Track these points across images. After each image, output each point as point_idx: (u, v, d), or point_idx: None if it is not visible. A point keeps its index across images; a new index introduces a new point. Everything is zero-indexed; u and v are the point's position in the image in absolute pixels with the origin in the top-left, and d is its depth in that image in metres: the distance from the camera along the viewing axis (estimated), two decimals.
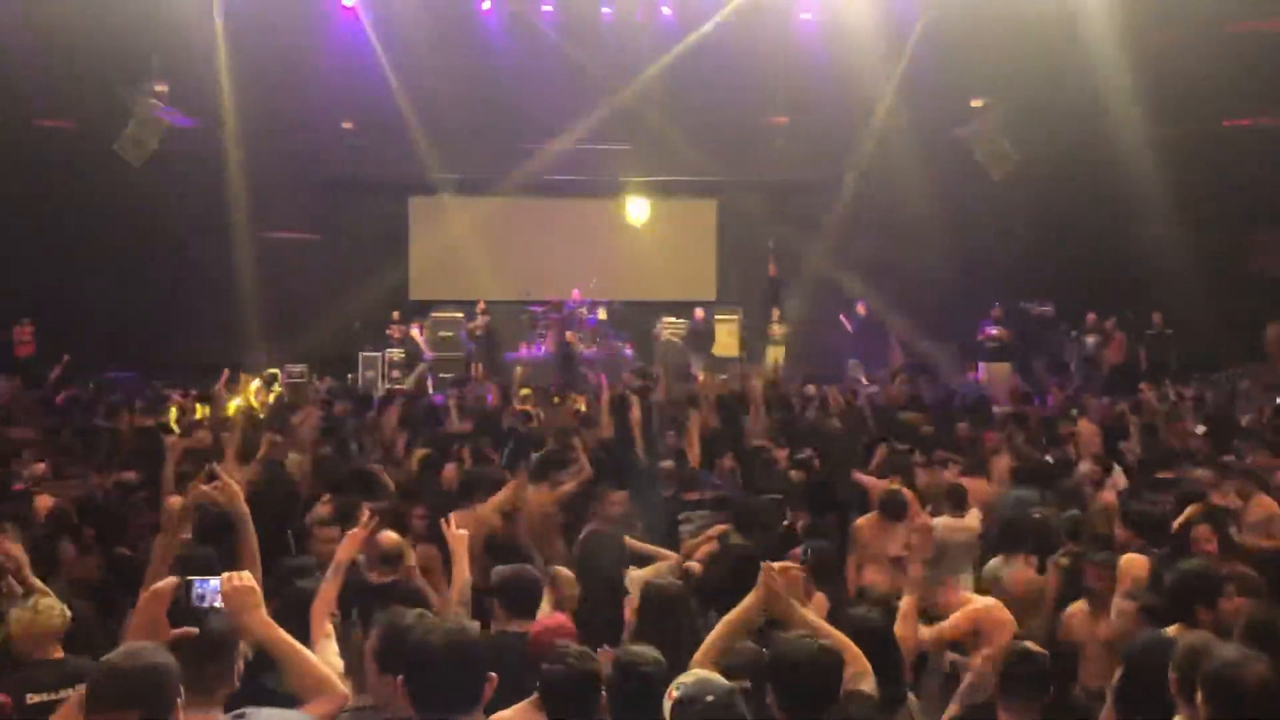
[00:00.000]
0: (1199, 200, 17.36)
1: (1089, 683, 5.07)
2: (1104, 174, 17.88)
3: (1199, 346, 16.96)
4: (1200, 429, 10.39)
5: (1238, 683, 3.11)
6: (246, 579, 3.11)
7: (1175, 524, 6.08)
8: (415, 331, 17.82)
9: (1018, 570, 6.20)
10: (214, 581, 3.01)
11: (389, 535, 5.27)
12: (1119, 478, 8.20)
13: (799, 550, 5.60)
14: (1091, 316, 17.82)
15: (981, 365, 17.54)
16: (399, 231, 19.55)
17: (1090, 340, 17.74)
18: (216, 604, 2.97)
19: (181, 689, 2.65)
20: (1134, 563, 5.58)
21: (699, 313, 18.34)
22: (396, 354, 18.02)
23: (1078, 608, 5.48)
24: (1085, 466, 8.36)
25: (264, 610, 3.14)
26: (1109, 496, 7.59)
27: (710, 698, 2.93)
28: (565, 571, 5.49)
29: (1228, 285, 17.70)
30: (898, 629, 4.40)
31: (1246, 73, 16.62)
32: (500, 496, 6.88)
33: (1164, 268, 17.71)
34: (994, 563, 6.46)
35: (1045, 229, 18.54)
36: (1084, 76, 17.36)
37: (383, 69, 17.83)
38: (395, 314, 18.17)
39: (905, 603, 4.81)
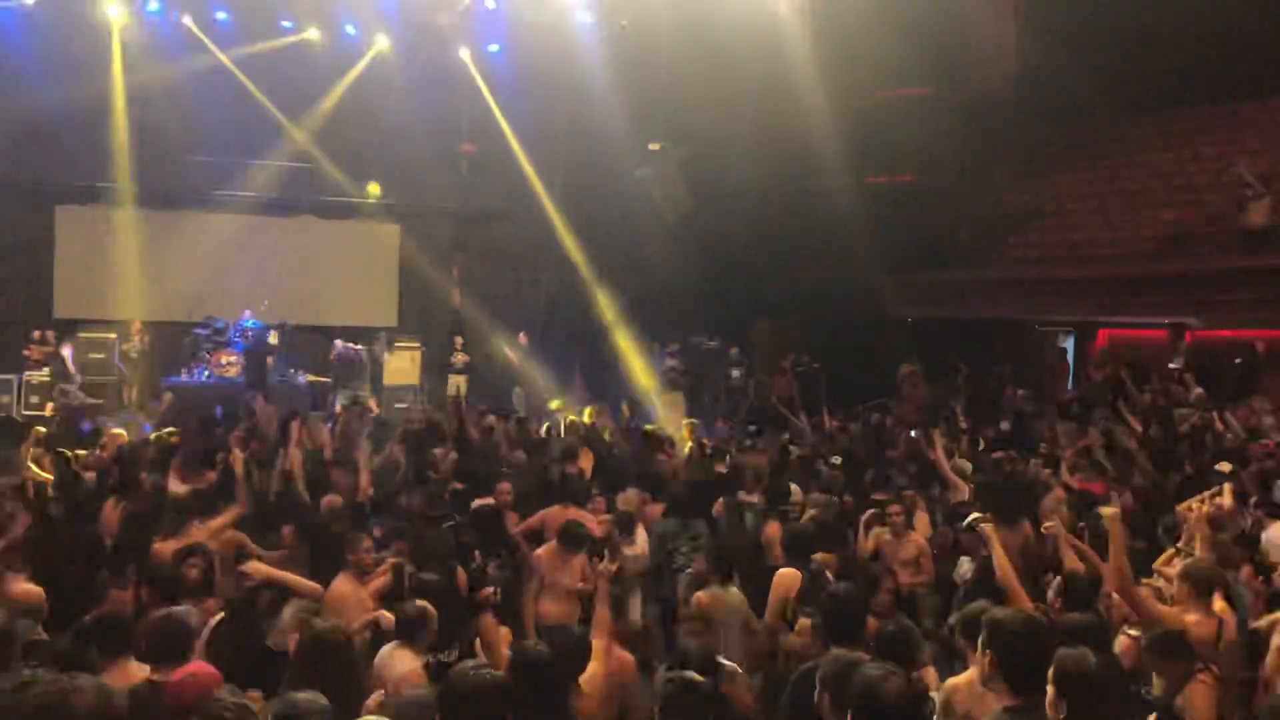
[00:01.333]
0: (844, 248, 19.21)
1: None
2: (769, 218, 19.83)
3: (842, 383, 18.83)
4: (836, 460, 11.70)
5: (879, 697, 3.44)
6: None
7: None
8: (66, 351, 16.92)
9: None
10: None
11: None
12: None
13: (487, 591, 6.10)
14: (735, 350, 19.70)
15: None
16: (42, 243, 18.67)
17: (735, 373, 19.48)
18: None
19: None
20: (785, 576, 6.67)
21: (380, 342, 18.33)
22: (36, 376, 17.12)
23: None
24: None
25: None
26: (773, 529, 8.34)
27: None
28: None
29: (866, 326, 19.75)
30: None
31: (883, 133, 19.31)
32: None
33: (816, 305, 19.69)
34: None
35: (716, 268, 20.07)
36: (756, 124, 19.23)
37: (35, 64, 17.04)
38: (37, 333, 17.39)
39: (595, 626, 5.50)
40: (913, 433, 13.64)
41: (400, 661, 5.28)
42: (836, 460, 11.56)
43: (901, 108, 19.48)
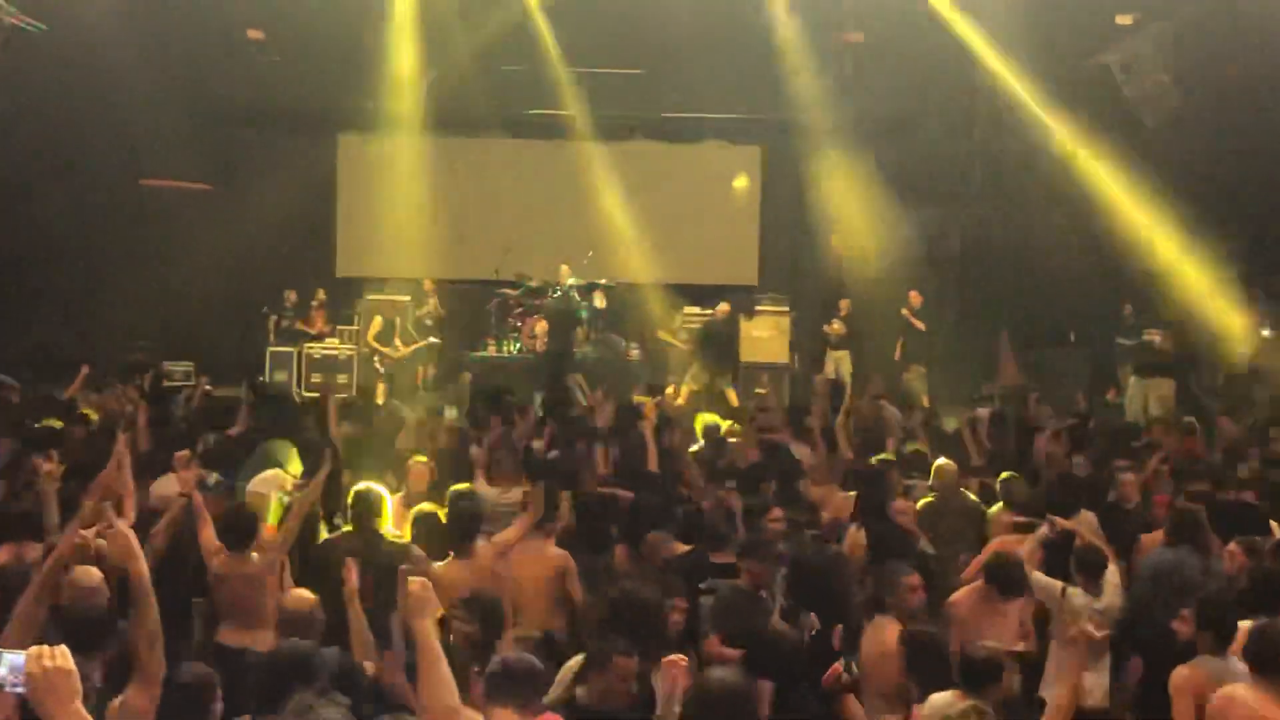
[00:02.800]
0: None
1: None
2: None
3: None
4: None
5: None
6: (61, 659, 2.62)
7: None
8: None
9: None
10: (18, 658, 2.71)
11: None
12: None
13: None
14: None
15: (1133, 380, 14.67)
16: (323, 183, 17.04)
17: None
18: (18, 688, 2.74)
19: None
20: None
21: (722, 307, 15.47)
22: (317, 349, 15.29)
23: None
24: None
25: (80, 703, 2.65)
26: None
27: None
28: None
29: None
30: None
31: None
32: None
33: None
34: None
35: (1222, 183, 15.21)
36: None
37: None
38: (320, 295, 15.78)
39: None
40: None
41: None
42: None
43: None
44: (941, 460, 8.33)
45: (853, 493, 7.96)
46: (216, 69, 15.78)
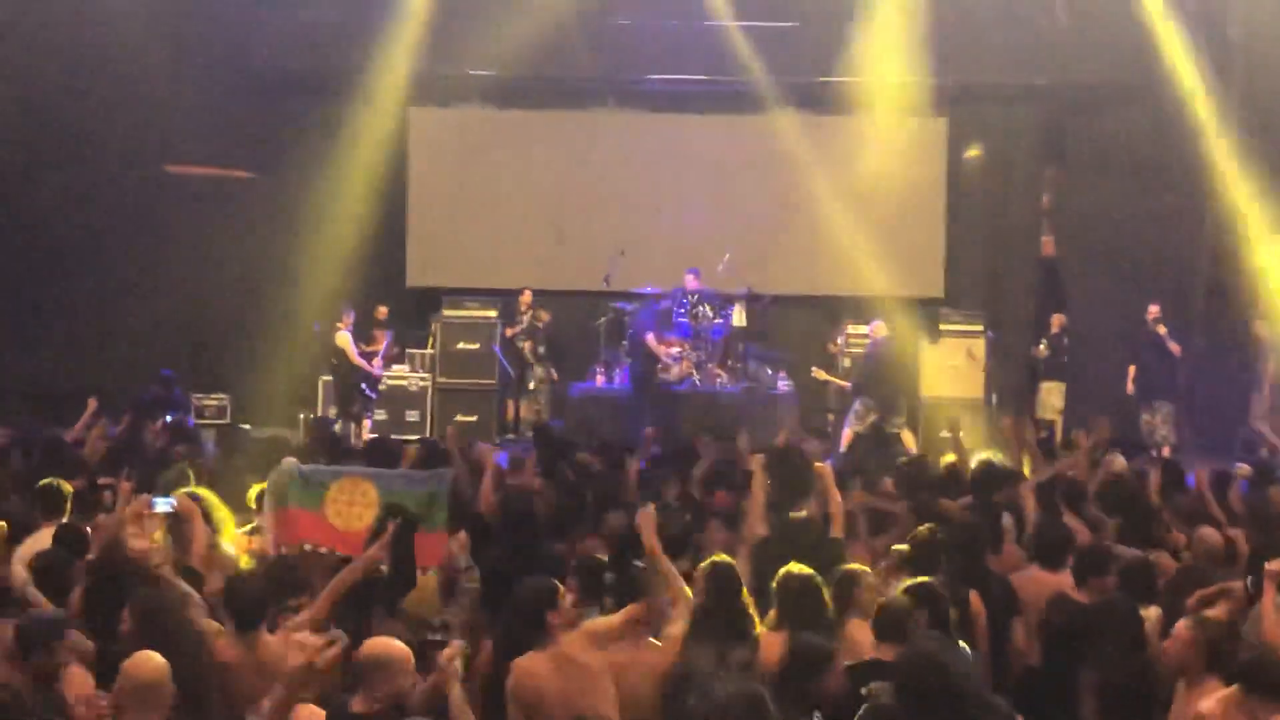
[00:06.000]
0: None
1: None
2: None
3: None
4: None
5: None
6: None
7: None
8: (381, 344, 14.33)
9: None
10: None
11: None
12: None
13: None
14: None
15: None
16: (392, 168, 15.97)
17: None
18: None
19: None
20: None
21: (879, 327, 14.35)
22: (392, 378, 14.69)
23: None
24: None
25: None
26: None
27: None
28: None
29: None
30: None
31: None
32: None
33: None
34: None
35: None
36: None
37: None
38: (382, 310, 14.87)
39: None
40: None
41: None
42: None
43: None
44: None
45: None
46: (258, 28, 15.09)
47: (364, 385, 13.98)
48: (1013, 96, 15.72)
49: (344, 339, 13.94)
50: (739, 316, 14.73)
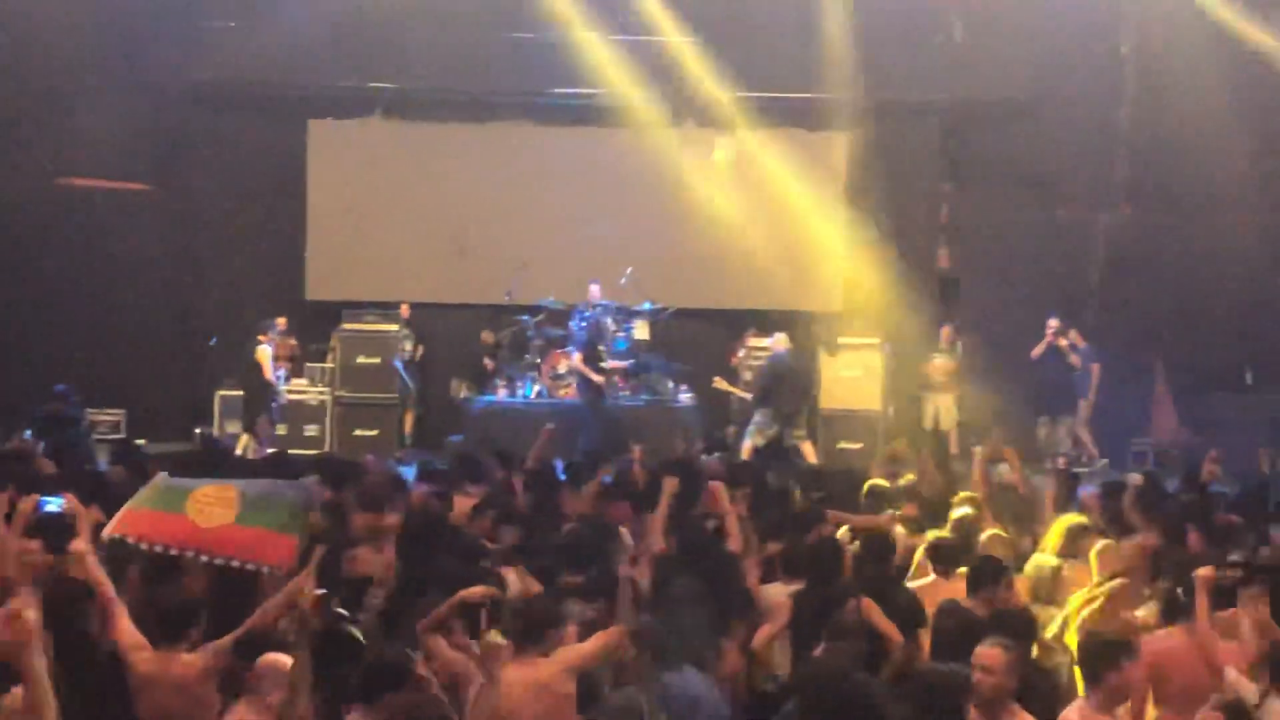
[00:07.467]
0: None
1: None
2: None
3: None
4: None
5: None
6: None
7: None
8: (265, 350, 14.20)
9: None
10: None
11: None
12: None
13: None
14: None
15: None
16: (290, 182, 16.15)
17: None
18: None
19: None
20: None
21: (780, 339, 14.76)
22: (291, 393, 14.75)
23: None
24: None
25: None
26: None
27: None
28: None
29: None
30: None
31: None
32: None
33: None
34: None
35: None
36: None
37: None
38: (280, 321, 14.86)
39: None
40: None
41: None
42: None
43: None
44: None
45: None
46: (156, 40, 15.18)
47: (273, 402, 14.18)
48: (911, 112, 16.04)
49: (263, 353, 14.01)
50: (641, 330, 15.08)
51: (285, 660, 5.19)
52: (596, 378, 14.20)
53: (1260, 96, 14.72)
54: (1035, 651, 6.03)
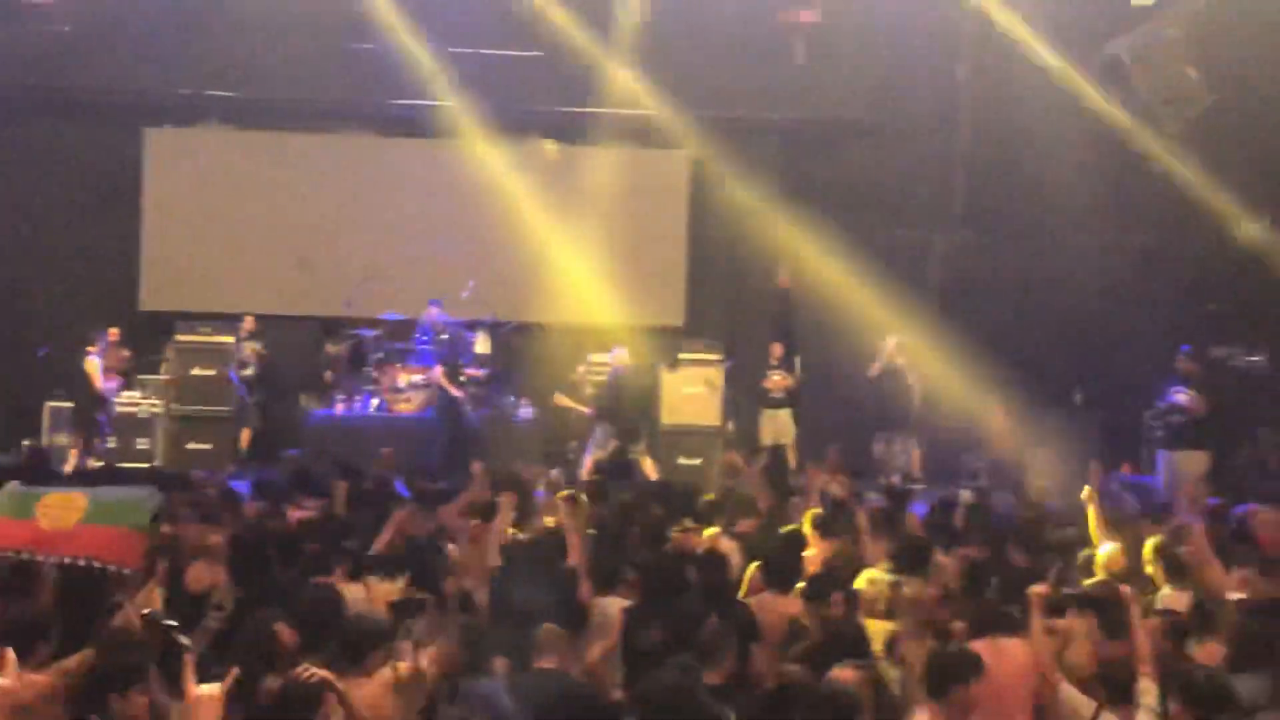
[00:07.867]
0: None
1: None
2: None
3: None
4: None
5: None
6: None
7: None
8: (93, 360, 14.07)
9: None
10: None
11: None
12: None
13: None
14: None
15: (1161, 455, 14.10)
16: (124, 191, 16.00)
17: None
18: None
19: None
20: None
21: (620, 354, 14.91)
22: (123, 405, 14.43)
23: None
24: None
25: None
26: None
27: None
28: None
29: None
30: None
31: None
32: None
33: None
34: None
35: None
36: None
37: None
38: (113, 332, 14.64)
39: None
40: None
41: None
42: None
43: None
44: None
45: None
46: None
47: (102, 415, 13.95)
48: (753, 130, 16.25)
49: (92, 365, 13.78)
50: (482, 344, 15.09)
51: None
52: (456, 391, 14.19)
53: (1091, 124, 15.18)
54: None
